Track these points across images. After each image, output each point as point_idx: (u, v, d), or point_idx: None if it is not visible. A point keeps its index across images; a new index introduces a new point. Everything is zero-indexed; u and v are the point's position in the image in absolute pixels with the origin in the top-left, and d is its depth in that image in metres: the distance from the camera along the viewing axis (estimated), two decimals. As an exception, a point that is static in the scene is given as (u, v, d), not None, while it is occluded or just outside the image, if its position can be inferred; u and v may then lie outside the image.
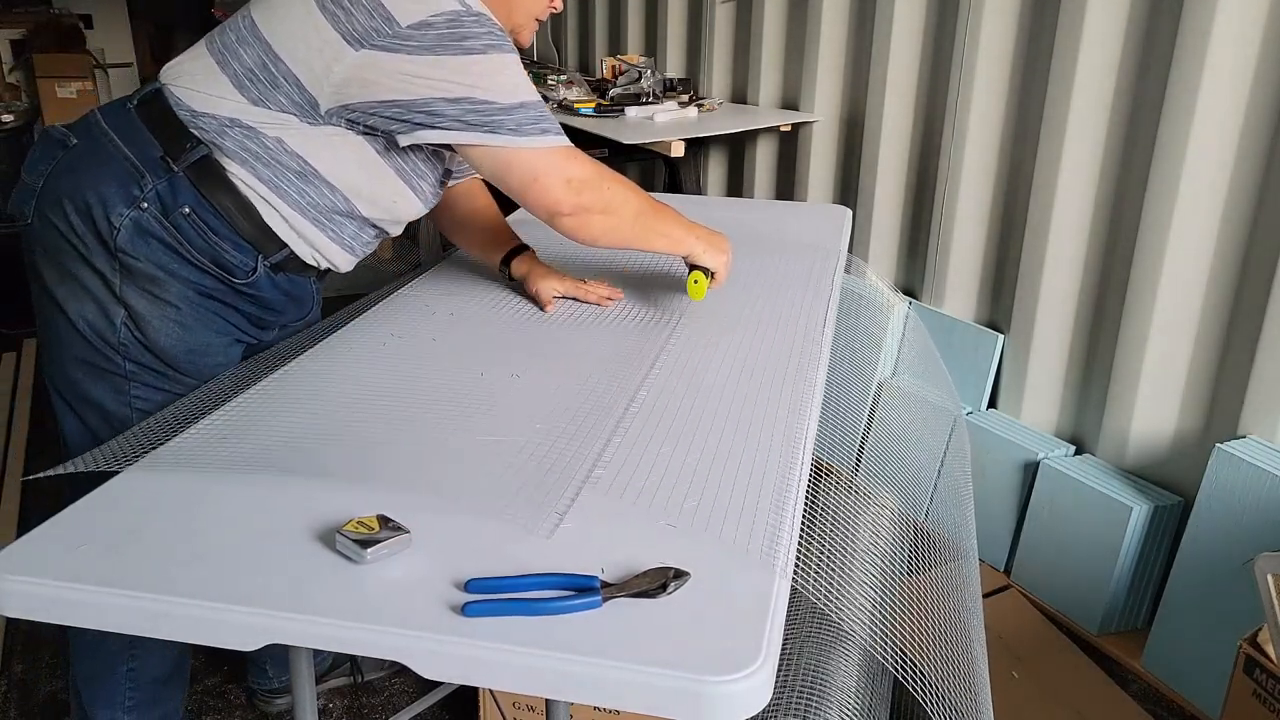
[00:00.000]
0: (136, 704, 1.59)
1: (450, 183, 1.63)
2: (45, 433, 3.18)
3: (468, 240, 1.72)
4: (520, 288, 1.66)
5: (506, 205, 1.77)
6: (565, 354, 1.42)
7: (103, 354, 1.39)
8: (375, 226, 1.48)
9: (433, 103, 1.29)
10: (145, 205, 1.33)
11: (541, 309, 1.60)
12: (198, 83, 1.36)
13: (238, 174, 1.35)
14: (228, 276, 1.39)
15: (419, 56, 1.28)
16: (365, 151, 1.38)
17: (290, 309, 1.52)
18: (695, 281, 1.54)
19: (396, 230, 1.53)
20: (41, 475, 1.12)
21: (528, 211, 1.40)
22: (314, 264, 1.47)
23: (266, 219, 1.38)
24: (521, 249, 1.68)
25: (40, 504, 2.57)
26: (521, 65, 1.36)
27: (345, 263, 1.49)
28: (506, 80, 1.32)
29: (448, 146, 1.37)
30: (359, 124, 1.35)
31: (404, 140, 1.34)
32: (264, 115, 1.33)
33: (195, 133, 1.34)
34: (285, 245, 1.41)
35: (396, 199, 1.44)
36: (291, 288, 1.48)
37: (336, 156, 1.37)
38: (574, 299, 1.62)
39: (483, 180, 1.76)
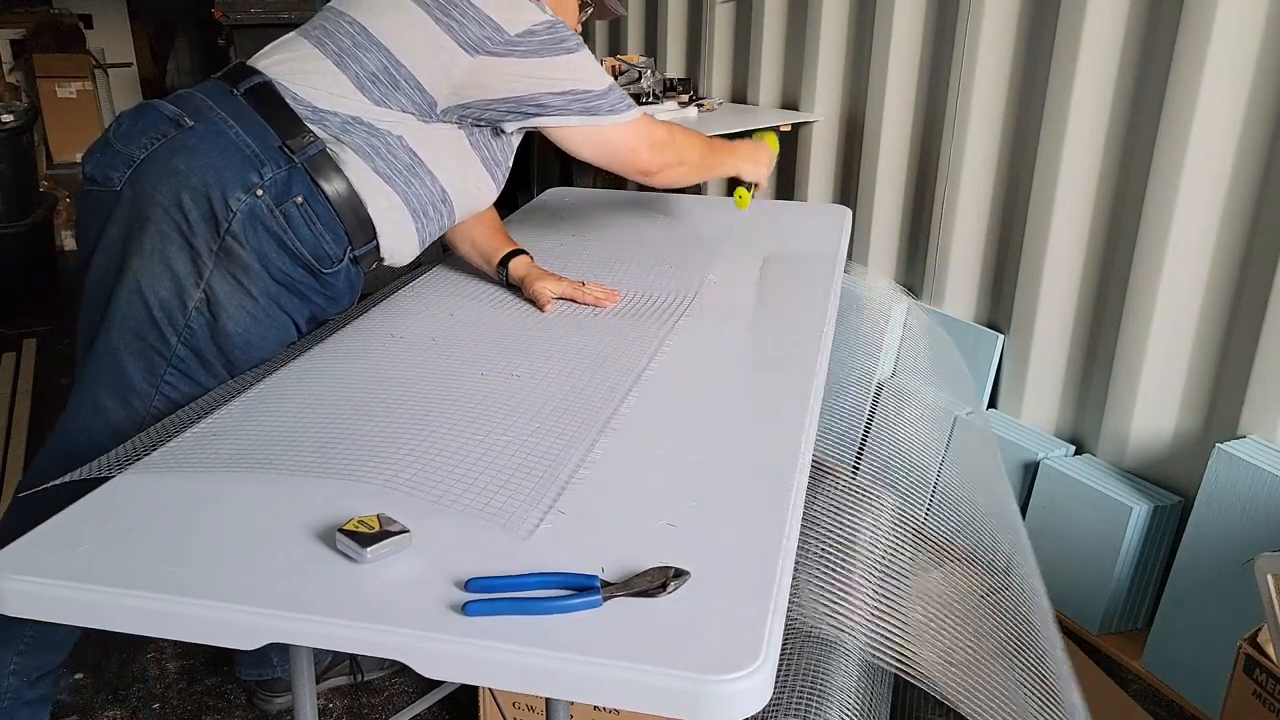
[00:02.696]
0: (30, 649, 1.61)
1: None
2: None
3: (467, 244, 1.73)
4: (518, 290, 1.66)
5: (505, 205, 1.78)
6: (565, 353, 1.42)
7: (159, 331, 1.41)
8: (450, 218, 1.59)
9: (541, 96, 1.50)
10: (261, 193, 1.39)
11: (540, 310, 1.60)
12: (315, 81, 1.45)
13: (354, 166, 1.44)
14: (318, 267, 1.45)
15: (527, 59, 1.48)
16: (461, 144, 1.54)
17: (346, 299, 1.58)
18: (739, 196, 1.84)
19: (459, 219, 1.63)
20: (39, 489, 1.12)
21: (622, 175, 1.65)
22: (384, 257, 1.54)
23: (371, 211, 1.47)
24: (518, 252, 1.69)
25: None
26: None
27: (410, 256, 1.58)
28: (594, 71, 1.55)
29: (529, 129, 1.57)
30: (469, 119, 1.52)
31: (512, 127, 1.55)
32: (384, 114, 1.45)
33: (313, 127, 1.43)
34: (374, 238, 1.49)
35: (480, 184, 1.59)
36: (355, 279, 1.55)
37: (439, 149, 1.51)
38: (571, 300, 1.62)
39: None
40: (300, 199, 1.41)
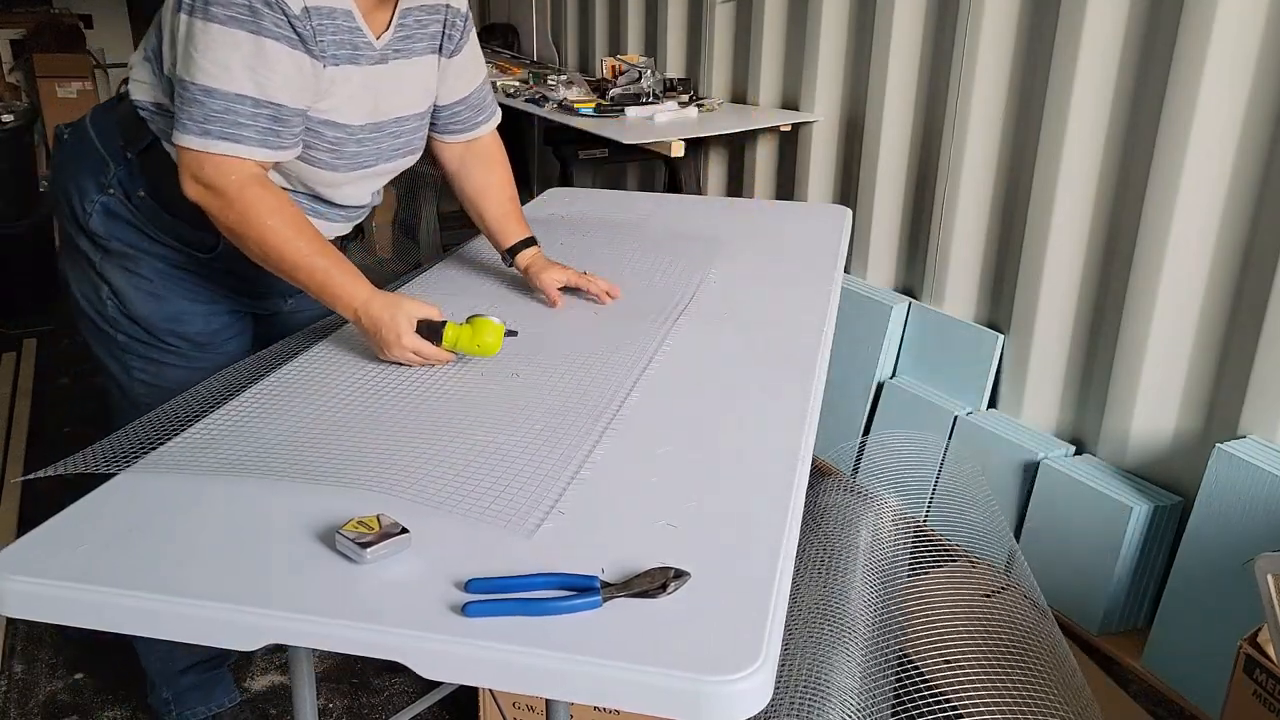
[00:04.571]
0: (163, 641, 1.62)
1: (449, 138, 1.67)
2: (45, 433, 3.18)
3: (480, 218, 1.72)
4: (522, 282, 1.67)
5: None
6: (565, 353, 1.42)
7: (99, 328, 1.52)
8: (318, 199, 1.48)
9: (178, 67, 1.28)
10: (112, 191, 1.45)
11: (550, 304, 1.61)
12: (136, 71, 1.44)
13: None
14: (193, 251, 1.48)
15: (179, 15, 1.26)
16: None
17: (277, 280, 1.45)
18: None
19: (325, 190, 1.47)
20: (36, 476, 1.11)
21: None
22: None
23: None
24: (528, 242, 1.68)
25: (40, 505, 2.57)
26: (261, 52, 1.25)
27: (330, 233, 1.50)
28: (218, 58, 1.24)
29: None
30: None
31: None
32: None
33: (145, 121, 1.42)
34: None
35: (295, 160, 1.39)
36: None
37: None
38: (576, 288, 1.63)
39: (504, 153, 1.75)
40: (142, 193, 1.44)
